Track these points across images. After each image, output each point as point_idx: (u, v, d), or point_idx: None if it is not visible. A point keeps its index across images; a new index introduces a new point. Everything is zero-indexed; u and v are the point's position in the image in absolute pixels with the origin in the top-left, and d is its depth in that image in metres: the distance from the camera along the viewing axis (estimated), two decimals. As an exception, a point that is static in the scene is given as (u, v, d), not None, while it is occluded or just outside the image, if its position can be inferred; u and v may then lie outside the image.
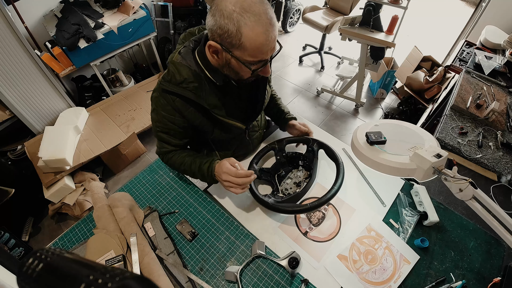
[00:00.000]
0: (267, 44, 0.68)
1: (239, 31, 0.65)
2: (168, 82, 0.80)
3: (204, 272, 0.86)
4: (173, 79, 0.79)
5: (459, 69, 2.12)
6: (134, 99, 2.57)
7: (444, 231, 0.96)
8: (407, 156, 0.71)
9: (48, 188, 1.95)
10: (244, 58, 0.70)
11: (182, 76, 0.78)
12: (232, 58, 0.71)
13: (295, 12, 3.88)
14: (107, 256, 0.85)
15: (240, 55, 0.70)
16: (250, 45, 0.67)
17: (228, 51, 0.70)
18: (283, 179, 1.07)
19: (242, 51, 0.69)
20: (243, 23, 0.64)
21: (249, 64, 0.72)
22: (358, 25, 2.32)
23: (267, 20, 0.65)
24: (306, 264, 0.87)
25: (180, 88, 0.79)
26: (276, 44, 0.73)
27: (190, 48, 0.82)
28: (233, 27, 0.65)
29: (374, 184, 1.07)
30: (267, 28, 0.66)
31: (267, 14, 0.65)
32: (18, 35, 1.86)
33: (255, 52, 0.69)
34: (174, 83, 0.79)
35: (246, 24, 0.64)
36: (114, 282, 0.22)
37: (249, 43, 0.67)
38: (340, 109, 2.95)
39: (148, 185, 1.09)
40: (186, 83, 0.79)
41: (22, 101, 2.05)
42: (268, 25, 0.66)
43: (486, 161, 1.28)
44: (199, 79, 0.80)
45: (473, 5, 4.79)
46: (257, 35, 0.66)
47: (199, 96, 0.81)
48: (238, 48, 0.68)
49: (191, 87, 0.79)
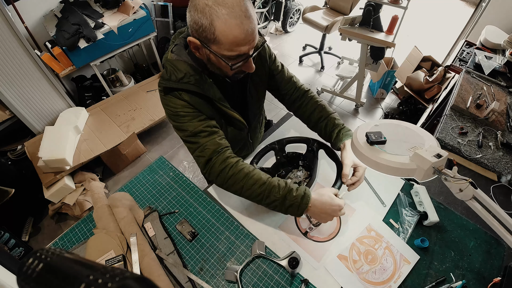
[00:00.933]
0: (242, 37, 0.66)
1: (212, 25, 0.63)
2: (168, 80, 0.78)
3: (204, 272, 0.86)
4: (172, 77, 0.77)
5: (459, 69, 2.12)
6: (134, 99, 2.57)
7: (444, 231, 0.96)
8: (407, 156, 0.71)
9: (48, 188, 1.95)
10: (221, 52, 0.68)
11: (181, 72, 0.76)
12: (211, 53, 0.70)
13: (295, 12, 3.88)
14: (107, 256, 0.85)
15: (217, 50, 0.68)
16: (225, 39, 0.65)
17: (206, 46, 0.69)
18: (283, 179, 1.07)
19: (218, 46, 0.67)
20: (216, 16, 0.62)
21: (227, 59, 0.70)
22: (358, 25, 2.32)
23: (241, 12, 0.63)
24: (306, 264, 0.87)
25: (181, 83, 0.77)
26: (256, 38, 0.70)
27: (182, 45, 0.81)
28: (206, 21, 0.63)
29: (374, 184, 1.07)
30: (241, 21, 0.64)
31: (241, 6, 0.63)
32: (18, 35, 1.86)
33: (231, 45, 0.67)
34: (174, 80, 0.77)
35: (218, 17, 0.62)
36: (114, 282, 0.22)
37: (224, 37, 0.65)
38: (340, 109, 2.95)
39: (148, 185, 1.09)
40: (187, 77, 0.76)
41: (22, 101, 2.05)
42: (243, 18, 0.64)
43: (486, 161, 1.28)
44: (198, 71, 0.78)
45: (473, 5, 4.79)
46: (231, 27, 0.64)
47: (203, 88, 0.79)
48: (214, 42, 0.67)
49: (193, 80, 0.77)
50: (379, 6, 2.20)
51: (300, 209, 0.77)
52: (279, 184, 0.78)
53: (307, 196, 0.77)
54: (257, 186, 0.78)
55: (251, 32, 0.67)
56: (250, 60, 0.74)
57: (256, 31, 0.69)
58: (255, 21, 0.68)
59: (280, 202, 0.77)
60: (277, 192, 0.77)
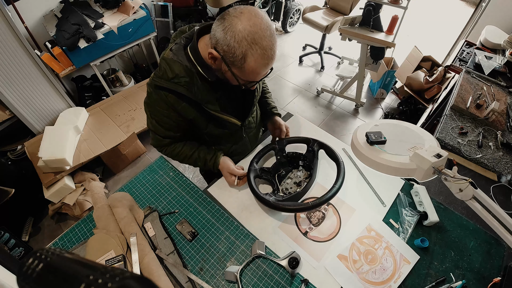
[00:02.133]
0: (264, 73, 0.77)
1: (244, 58, 0.70)
2: (160, 78, 0.81)
3: (204, 272, 0.86)
4: (164, 75, 0.80)
5: (459, 69, 2.12)
6: (134, 99, 2.57)
7: (444, 231, 0.96)
8: (407, 156, 0.71)
9: (48, 188, 1.95)
10: (239, 76, 0.76)
11: (174, 72, 0.79)
12: (229, 71, 0.75)
13: (295, 12, 3.88)
14: (107, 256, 0.85)
15: (237, 73, 0.75)
16: (249, 71, 0.74)
17: (228, 66, 0.74)
18: (283, 179, 1.07)
19: (240, 72, 0.75)
20: (250, 53, 0.70)
21: (241, 80, 0.78)
22: (358, 25, 2.32)
23: (271, 55, 0.72)
24: (306, 264, 0.87)
25: (172, 83, 0.80)
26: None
27: (182, 44, 0.83)
28: (240, 53, 0.70)
29: (374, 184, 1.07)
30: (268, 62, 0.73)
31: (272, 50, 0.72)
32: (18, 35, 1.86)
33: (251, 76, 0.76)
34: (166, 79, 0.80)
35: (252, 55, 0.70)
36: (114, 282, 0.22)
37: (249, 70, 0.73)
38: (340, 109, 2.95)
39: (148, 185, 1.09)
40: (177, 78, 0.80)
41: (22, 101, 2.05)
42: (270, 60, 0.73)
43: (486, 161, 1.28)
44: (190, 74, 0.81)
45: (473, 5, 4.79)
46: (259, 66, 0.72)
47: (191, 91, 0.82)
48: (237, 68, 0.74)
49: (183, 82, 0.80)
50: (379, 6, 2.20)
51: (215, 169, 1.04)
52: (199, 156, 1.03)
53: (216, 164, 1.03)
54: (186, 160, 1.04)
55: (270, 67, 0.77)
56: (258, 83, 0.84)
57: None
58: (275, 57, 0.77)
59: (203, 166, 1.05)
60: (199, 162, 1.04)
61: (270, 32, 0.70)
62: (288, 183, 1.06)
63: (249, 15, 0.68)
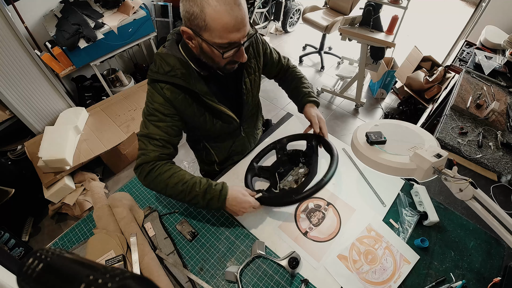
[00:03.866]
0: (232, 23, 0.67)
1: (202, 12, 0.65)
2: (156, 72, 0.81)
3: (204, 272, 0.86)
4: (160, 69, 0.80)
5: (459, 69, 2.12)
6: (134, 99, 2.57)
7: (444, 231, 0.96)
8: (407, 156, 0.71)
9: (48, 188, 1.95)
10: (213, 40, 0.70)
11: (169, 65, 0.79)
12: (203, 42, 0.71)
13: (295, 12, 3.88)
14: (107, 256, 0.85)
15: (208, 38, 0.70)
16: (215, 25, 0.67)
17: (197, 34, 0.70)
18: (285, 177, 1.07)
19: (209, 33, 0.69)
20: (206, 3, 0.64)
21: (219, 47, 0.71)
22: (358, 25, 2.32)
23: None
24: (306, 264, 0.87)
25: (168, 76, 0.80)
26: (247, 28, 0.72)
27: (174, 40, 0.83)
28: (197, 8, 0.65)
29: (374, 184, 1.07)
30: (231, 7, 0.66)
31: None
32: (18, 35, 1.86)
33: (222, 32, 0.68)
34: (162, 73, 0.80)
35: (208, 4, 0.64)
36: (114, 282, 0.22)
37: (214, 23, 0.67)
38: (340, 109, 2.95)
39: (148, 185, 1.09)
40: (174, 70, 0.79)
41: (22, 101, 2.05)
42: (232, 5, 0.66)
43: (486, 161, 1.28)
44: (186, 66, 0.81)
45: (473, 5, 4.79)
46: (221, 14, 0.65)
47: (189, 82, 0.81)
48: (205, 30, 0.68)
49: (179, 74, 0.80)
50: (379, 6, 2.21)
51: (220, 201, 0.84)
52: (201, 180, 0.85)
53: (225, 189, 0.85)
54: (179, 184, 0.84)
55: (241, 20, 0.69)
56: (242, 49, 0.76)
57: (246, 19, 0.71)
58: (245, 10, 0.70)
59: (201, 197, 0.84)
60: (198, 187, 0.83)
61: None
62: (289, 180, 1.05)
63: None
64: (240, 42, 0.73)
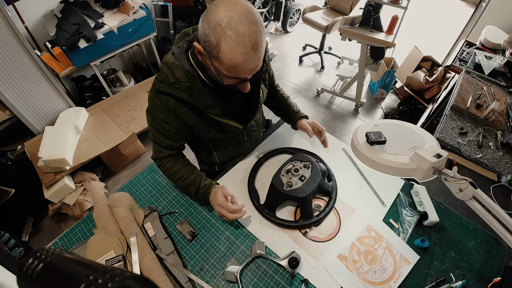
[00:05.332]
0: (244, 66, 0.67)
1: (218, 45, 0.64)
2: (161, 82, 0.80)
3: (204, 272, 0.86)
4: (166, 80, 0.79)
5: (459, 69, 2.12)
6: (134, 99, 2.57)
7: (444, 231, 0.96)
8: (407, 156, 0.71)
9: (48, 188, 1.95)
10: (220, 70, 0.70)
11: (175, 77, 0.78)
12: (212, 65, 0.71)
13: (295, 12, 3.88)
14: (107, 256, 0.85)
15: (217, 66, 0.70)
16: (226, 62, 0.67)
17: (208, 58, 0.70)
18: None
19: (219, 64, 0.69)
20: (224, 39, 0.63)
21: (224, 77, 0.72)
22: (358, 25, 2.32)
23: (250, 43, 0.64)
24: (306, 264, 0.87)
25: (173, 88, 0.79)
26: (258, 68, 0.71)
27: (184, 48, 0.82)
28: (214, 39, 0.64)
29: (374, 184, 1.07)
30: (246, 52, 0.64)
31: (251, 37, 0.63)
32: (18, 35, 1.86)
33: (231, 69, 0.69)
34: (167, 84, 0.79)
35: (226, 41, 0.63)
36: (114, 282, 0.22)
37: (226, 60, 0.66)
38: (340, 109, 2.95)
39: (148, 185, 1.09)
40: (178, 83, 0.79)
41: (22, 101, 2.05)
42: (249, 49, 0.64)
43: (486, 161, 1.28)
44: (192, 79, 0.80)
45: (473, 5, 4.79)
46: (235, 55, 0.65)
47: (192, 96, 0.81)
48: (216, 59, 0.68)
49: (184, 87, 0.79)
50: (379, 6, 2.21)
51: (205, 203, 0.96)
52: (195, 180, 0.96)
53: (208, 194, 0.94)
54: (180, 181, 0.97)
55: (254, 66, 0.70)
56: (246, 82, 0.76)
57: (260, 62, 0.70)
58: (262, 53, 0.69)
59: (194, 195, 0.98)
60: (192, 186, 0.96)
61: (252, 19, 0.63)
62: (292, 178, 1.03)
63: (227, 1, 0.64)
64: (247, 78, 0.73)
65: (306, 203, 0.94)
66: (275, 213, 0.98)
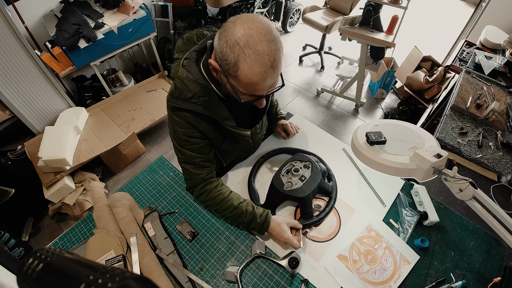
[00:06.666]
0: (262, 84, 0.67)
1: (236, 64, 0.64)
2: (177, 98, 0.78)
3: (204, 272, 0.86)
4: (181, 95, 0.77)
5: (459, 69, 2.12)
6: (134, 99, 2.57)
7: (444, 231, 0.96)
8: (407, 156, 0.71)
9: (48, 188, 1.95)
10: (237, 88, 0.70)
11: (191, 92, 0.76)
12: (228, 82, 0.70)
13: (295, 12, 3.88)
14: (107, 256, 0.85)
15: (234, 84, 0.69)
16: (244, 81, 0.66)
17: (225, 75, 0.69)
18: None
19: (236, 82, 0.68)
20: (242, 58, 0.62)
21: (241, 93, 0.71)
22: (358, 25, 2.32)
23: (269, 62, 0.63)
24: (306, 264, 0.87)
25: (190, 104, 0.77)
26: (276, 82, 0.71)
27: (193, 59, 0.80)
28: (233, 58, 0.63)
29: (374, 184, 1.07)
30: (265, 70, 0.64)
31: (270, 56, 0.63)
32: (18, 35, 1.86)
33: (249, 88, 0.68)
34: (183, 99, 0.77)
35: (245, 60, 0.63)
36: (114, 282, 0.22)
37: (244, 79, 0.66)
38: (340, 109, 2.95)
39: (148, 185, 1.09)
40: (196, 97, 0.77)
41: (22, 101, 2.05)
42: (268, 68, 0.64)
43: (486, 161, 1.28)
44: (208, 92, 0.78)
45: (473, 5, 4.79)
46: (254, 74, 0.64)
47: (210, 109, 0.79)
48: (233, 77, 0.68)
49: (201, 101, 0.77)
50: (379, 6, 2.20)
51: (262, 232, 0.90)
52: (247, 210, 0.90)
53: (267, 223, 0.88)
54: (228, 211, 0.91)
55: (272, 83, 0.69)
56: (262, 99, 0.76)
57: (278, 80, 0.71)
58: (279, 70, 0.69)
59: (246, 225, 0.91)
60: (245, 217, 0.89)
61: (271, 37, 0.63)
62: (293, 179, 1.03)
63: (245, 19, 0.63)
64: (263, 95, 0.73)
65: (306, 203, 0.94)
66: (275, 213, 0.98)
